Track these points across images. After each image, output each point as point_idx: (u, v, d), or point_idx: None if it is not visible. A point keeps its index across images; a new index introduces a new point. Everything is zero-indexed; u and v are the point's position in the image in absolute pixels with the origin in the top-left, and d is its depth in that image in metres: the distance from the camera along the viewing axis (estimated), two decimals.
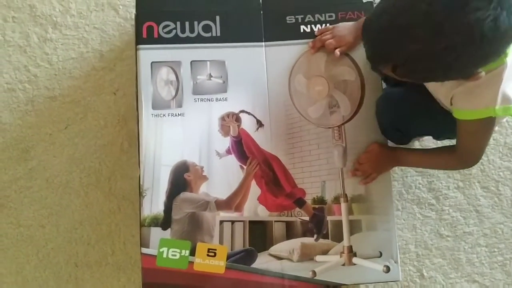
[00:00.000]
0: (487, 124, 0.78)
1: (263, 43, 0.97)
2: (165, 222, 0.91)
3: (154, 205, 0.91)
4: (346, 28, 0.95)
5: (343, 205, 0.92)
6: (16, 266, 1.05)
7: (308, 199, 0.93)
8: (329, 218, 0.92)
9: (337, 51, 0.93)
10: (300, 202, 0.93)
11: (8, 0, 1.14)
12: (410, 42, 0.64)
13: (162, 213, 0.91)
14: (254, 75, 0.96)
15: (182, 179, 0.92)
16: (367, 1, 0.98)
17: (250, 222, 0.92)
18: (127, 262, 1.05)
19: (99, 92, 1.10)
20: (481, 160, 1.06)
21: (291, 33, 0.97)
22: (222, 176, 0.93)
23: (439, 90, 0.83)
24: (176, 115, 0.94)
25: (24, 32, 1.12)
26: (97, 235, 1.06)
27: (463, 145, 0.84)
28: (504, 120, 1.12)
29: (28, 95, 1.10)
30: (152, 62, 0.94)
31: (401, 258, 1.07)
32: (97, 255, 1.05)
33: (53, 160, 1.08)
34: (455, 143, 0.86)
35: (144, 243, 0.90)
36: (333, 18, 0.98)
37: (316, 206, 0.93)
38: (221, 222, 0.92)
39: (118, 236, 1.07)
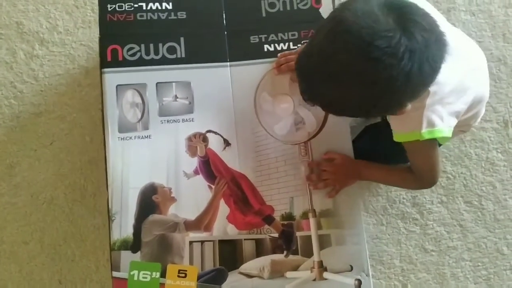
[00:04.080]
0: (424, 146, 0.82)
1: (228, 63, 0.98)
2: (134, 245, 0.91)
3: (123, 228, 0.91)
4: None
5: (312, 220, 0.93)
6: None
7: (277, 215, 0.94)
8: (298, 233, 0.93)
9: None
10: (269, 219, 0.93)
11: None
12: (332, 88, 0.69)
13: (132, 236, 0.91)
14: (220, 95, 0.97)
15: (150, 202, 0.92)
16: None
17: (219, 241, 0.92)
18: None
19: (85, 108, 1.11)
20: (463, 175, 1.09)
21: (255, 53, 0.99)
22: (191, 196, 0.93)
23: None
24: (142, 138, 0.94)
25: (11, 48, 1.13)
26: (81, 252, 1.06)
27: (413, 165, 0.89)
28: (486, 136, 1.14)
29: (13, 111, 1.11)
30: (117, 85, 0.95)
31: (386, 273, 1.08)
32: (81, 272, 1.05)
33: (38, 176, 1.08)
34: None
35: (114, 266, 0.90)
36: (296, 36, 0.99)
37: (285, 222, 0.93)
38: (191, 242, 0.92)
39: (102, 253, 1.06)
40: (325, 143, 0.95)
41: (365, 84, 0.66)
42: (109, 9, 0.97)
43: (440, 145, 0.88)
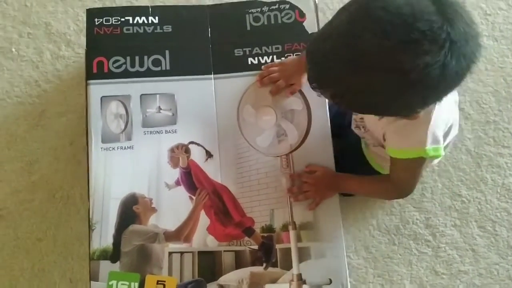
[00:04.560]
0: (417, 162, 0.79)
1: (212, 76, 0.99)
2: (114, 255, 0.90)
3: (103, 238, 0.91)
4: (293, 65, 0.96)
5: (292, 233, 0.92)
6: (10, 279, 1.04)
7: (257, 227, 0.93)
8: (277, 246, 0.92)
9: (288, 93, 0.96)
10: (249, 231, 0.93)
11: (25, 17, 1.17)
12: (351, 74, 0.61)
13: (111, 246, 0.91)
14: (204, 107, 0.98)
15: (131, 212, 0.92)
16: (313, 33, 1.01)
17: (199, 252, 0.92)
18: None
19: None
20: (478, 200, 1.07)
21: (239, 65, 1.00)
22: (171, 207, 0.93)
23: (374, 123, 0.84)
24: (125, 148, 0.95)
25: (38, 48, 1.15)
26: None
27: (396, 178, 0.86)
28: (503, 161, 1.12)
29: (36, 109, 1.12)
30: (102, 97, 0.96)
31: None
32: None
33: (56, 174, 1.09)
34: None
35: (93, 276, 0.90)
36: (280, 49, 1.00)
37: (265, 234, 0.93)
38: (170, 253, 0.91)
39: None
40: (307, 156, 0.95)
41: (396, 72, 0.58)
42: (96, 23, 0.99)
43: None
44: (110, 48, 0.98)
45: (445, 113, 0.77)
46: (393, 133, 0.78)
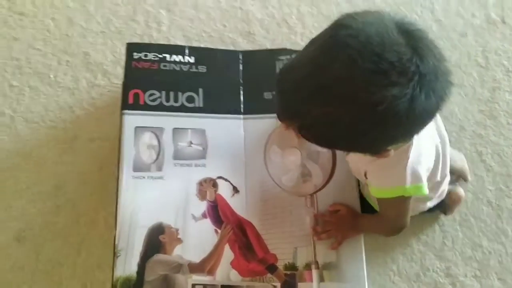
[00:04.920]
0: (401, 201, 0.79)
1: (242, 116, 1.04)
2: (137, 283, 0.91)
3: (128, 265, 0.92)
4: None
5: (314, 272, 0.94)
6: None
7: (280, 265, 0.95)
8: (300, 284, 0.93)
9: None
10: (272, 268, 0.94)
11: (66, 46, 1.21)
12: (319, 105, 0.60)
13: (135, 274, 0.91)
14: (233, 144, 1.02)
15: (156, 241, 0.94)
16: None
17: (222, 286, 0.93)
18: None
19: None
20: (499, 252, 1.09)
21: (268, 108, 1.05)
22: (197, 239, 0.95)
23: (354, 161, 0.86)
24: (155, 178, 0.97)
25: (75, 76, 1.19)
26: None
27: (384, 216, 0.88)
28: None
29: (68, 134, 1.14)
30: (136, 127, 1.00)
31: None
32: None
33: (82, 199, 1.09)
34: None
35: None
36: None
37: (288, 272, 0.94)
38: (194, 285, 0.92)
39: None
40: (331, 195, 0.98)
41: (364, 104, 0.57)
42: (134, 57, 1.05)
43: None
44: (147, 81, 1.03)
45: (425, 151, 0.76)
46: (373, 172, 0.78)
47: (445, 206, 1.05)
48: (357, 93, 0.57)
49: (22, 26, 1.23)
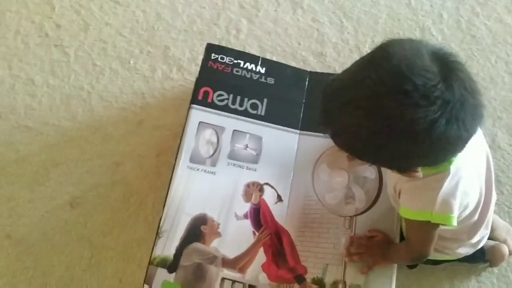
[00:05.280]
0: (427, 226, 0.80)
1: (298, 131, 1.09)
2: (172, 265, 0.97)
3: (167, 247, 0.98)
4: None
5: None
6: (67, 263, 1.11)
7: (308, 277, 0.98)
8: None
9: None
10: (300, 279, 0.98)
11: (149, 37, 1.32)
12: (348, 114, 0.66)
13: (172, 256, 0.97)
14: (285, 155, 1.07)
15: (198, 230, 0.99)
16: None
17: (249, 286, 0.97)
18: None
19: None
20: None
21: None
22: (235, 236, 1.00)
23: (392, 177, 0.87)
24: (208, 172, 1.04)
25: (153, 66, 1.29)
26: None
27: (409, 239, 0.89)
28: None
29: (136, 118, 1.24)
30: (200, 122, 1.06)
31: None
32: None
33: (136, 180, 1.18)
34: None
35: (148, 280, 0.96)
36: None
37: (315, 286, 0.97)
38: (223, 279, 0.97)
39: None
40: (371, 221, 1.00)
41: (385, 118, 0.62)
42: (212, 57, 1.12)
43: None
44: (218, 82, 1.10)
45: (466, 187, 0.78)
46: (407, 192, 0.80)
47: (488, 260, 1.05)
48: (380, 108, 0.62)
49: (115, 13, 1.34)
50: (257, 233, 1.01)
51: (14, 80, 1.26)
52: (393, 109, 0.62)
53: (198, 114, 1.07)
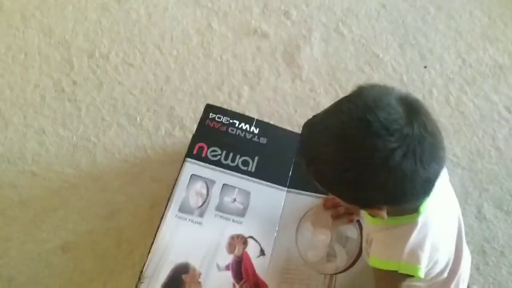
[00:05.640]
0: (394, 277, 0.80)
1: (286, 188, 1.13)
2: None
3: None
4: None
5: None
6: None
7: None
8: None
9: (347, 220, 1.07)
10: None
11: (157, 97, 1.40)
12: (317, 141, 0.71)
13: None
14: (271, 211, 1.11)
15: (179, 278, 1.02)
16: None
17: None
18: None
19: None
20: None
21: (310, 187, 1.12)
22: (215, 287, 1.02)
23: (367, 227, 0.89)
24: (195, 222, 1.07)
25: (157, 123, 1.37)
26: None
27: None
28: None
29: (135, 170, 1.30)
30: (192, 174, 1.12)
31: None
32: None
33: (128, 229, 1.21)
34: None
35: None
36: None
37: None
38: None
39: None
40: (350, 280, 1.01)
41: (347, 145, 0.67)
42: (210, 116, 1.20)
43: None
44: (213, 139, 1.17)
45: (433, 239, 0.79)
46: (377, 242, 0.83)
47: None
48: (344, 135, 0.68)
49: (128, 75, 1.45)
50: (237, 285, 1.02)
51: (27, 129, 1.35)
52: (355, 137, 0.67)
53: (191, 167, 1.13)
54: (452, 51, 1.49)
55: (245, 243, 1.07)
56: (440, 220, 0.82)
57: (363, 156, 0.66)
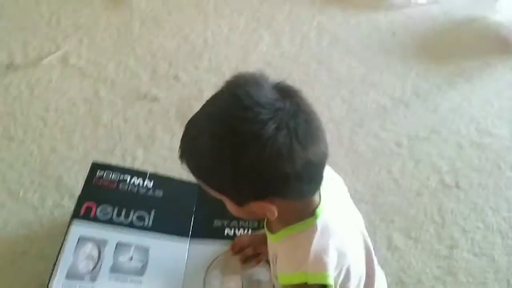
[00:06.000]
0: None
1: (189, 239, 1.05)
2: None
3: None
4: (261, 236, 1.03)
5: None
6: None
7: None
8: None
9: (255, 262, 1.00)
10: None
11: (43, 168, 1.29)
12: (193, 133, 0.70)
13: None
14: (174, 264, 1.01)
15: None
16: None
17: None
18: None
19: None
20: None
21: (215, 234, 1.06)
22: None
23: (272, 246, 0.84)
24: None
25: (43, 195, 1.25)
26: None
27: None
28: None
29: (18, 249, 1.15)
30: (80, 236, 1.01)
31: None
32: None
33: None
34: None
35: None
36: (256, 226, 1.08)
37: None
38: None
39: None
40: None
41: (219, 122, 0.66)
42: (97, 175, 1.11)
43: None
44: (103, 197, 1.08)
45: (337, 243, 0.75)
46: (280, 256, 0.78)
47: None
48: (217, 115, 0.68)
49: (9, 149, 1.34)
50: None
51: None
52: (226, 111, 0.66)
53: (79, 228, 1.02)
54: (337, 99, 1.57)
55: None
56: (341, 227, 0.79)
57: (236, 131, 0.64)
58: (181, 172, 1.29)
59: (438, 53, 1.74)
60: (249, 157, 0.64)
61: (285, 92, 0.67)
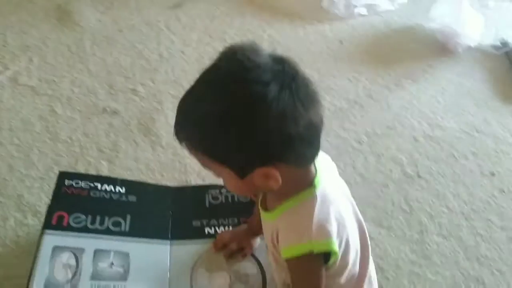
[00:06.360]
0: (311, 263, 0.75)
1: (169, 241, 1.02)
2: None
3: None
4: (243, 229, 1.03)
5: None
6: None
7: None
8: None
9: (240, 257, 0.99)
10: None
11: (1, 188, 1.22)
12: (193, 97, 0.68)
13: None
14: (157, 267, 0.97)
15: None
16: None
17: None
18: None
19: None
20: None
21: (196, 234, 1.04)
22: None
23: (269, 225, 0.82)
24: None
25: (4, 215, 1.17)
26: None
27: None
28: None
29: None
30: (54, 246, 0.95)
31: None
32: None
33: None
34: None
35: None
36: (236, 222, 1.07)
37: None
38: None
39: None
40: None
41: (220, 86, 0.66)
42: (65, 184, 1.06)
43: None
44: (74, 206, 1.03)
45: (337, 211, 0.76)
46: (282, 230, 0.76)
47: None
48: (216, 81, 0.67)
49: None
50: None
51: None
52: (226, 75, 0.66)
53: (52, 238, 0.96)
54: None
55: None
56: (337, 198, 0.79)
57: (240, 93, 0.64)
58: (150, 182, 1.29)
59: (383, 58, 1.83)
60: (254, 119, 0.64)
61: (281, 59, 0.68)
